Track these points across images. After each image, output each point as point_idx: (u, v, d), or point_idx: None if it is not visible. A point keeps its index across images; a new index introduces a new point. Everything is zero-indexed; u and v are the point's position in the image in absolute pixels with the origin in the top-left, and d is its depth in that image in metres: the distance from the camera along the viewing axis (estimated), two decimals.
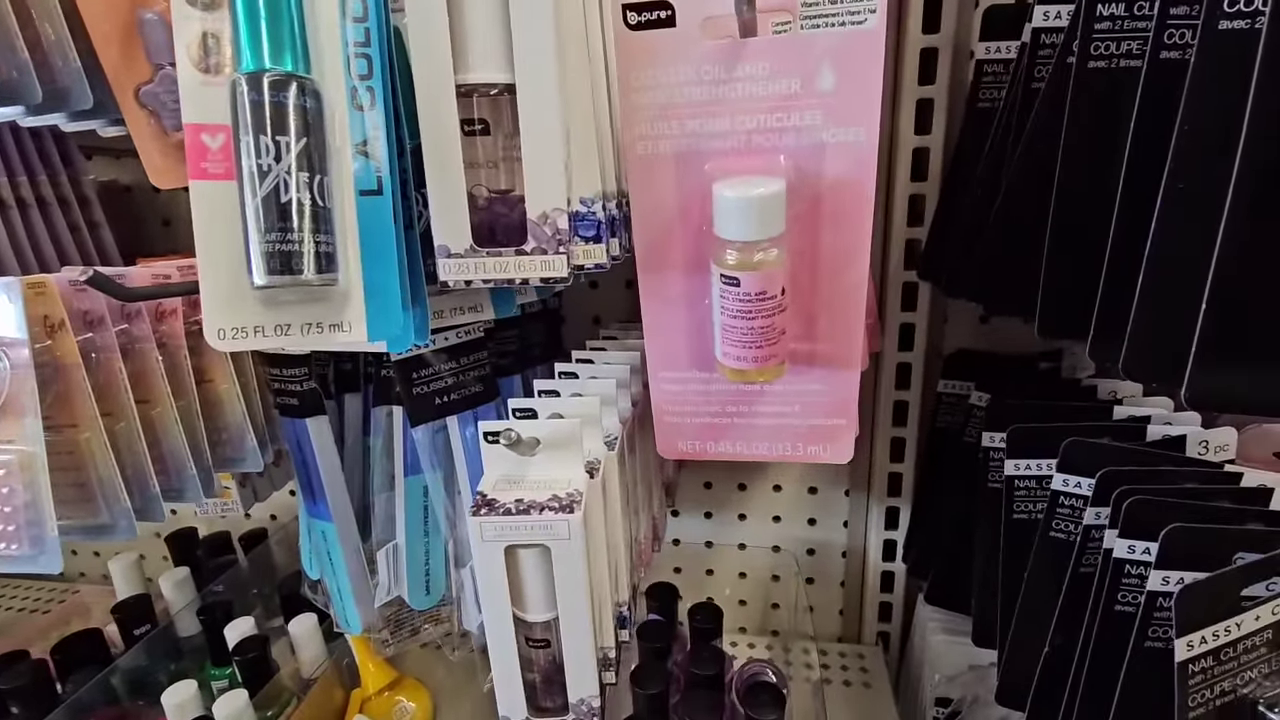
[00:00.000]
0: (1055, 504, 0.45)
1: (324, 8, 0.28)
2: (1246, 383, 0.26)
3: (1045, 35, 0.43)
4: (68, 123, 0.46)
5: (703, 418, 0.40)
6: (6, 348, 0.40)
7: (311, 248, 0.26)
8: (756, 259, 0.31)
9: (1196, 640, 0.31)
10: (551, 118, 0.29)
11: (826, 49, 0.29)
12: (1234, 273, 0.26)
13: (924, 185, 0.61)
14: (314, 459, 0.52)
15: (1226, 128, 0.27)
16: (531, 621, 0.38)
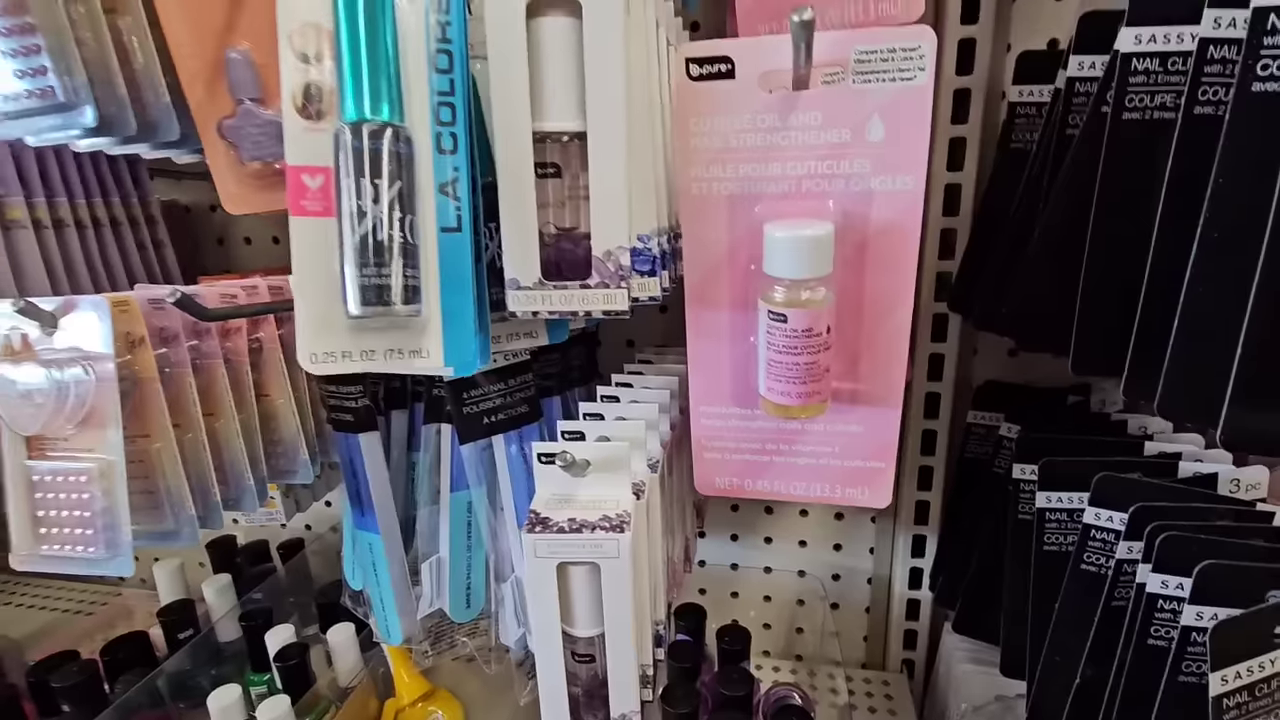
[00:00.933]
0: (1087, 537, 0.46)
1: (414, 61, 0.30)
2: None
3: (1079, 84, 0.44)
4: (149, 151, 0.49)
5: (743, 454, 0.41)
6: (93, 362, 0.43)
7: (401, 282, 0.29)
8: (804, 297, 0.33)
9: (1231, 675, 0.32)
10: (618, 164, 0.31)
11: (877, 103, 0.31)
12: (1269, 317, 0.28)
13: (955, 220, 0.63)
14: (364, 473, 0.54)
15: (1260, 181, 0.29)
16: (578, 636, 0.40)
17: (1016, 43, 0.60)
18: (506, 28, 0.30)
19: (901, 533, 0.74)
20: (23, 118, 0.41)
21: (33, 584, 1.04)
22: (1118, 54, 0.38)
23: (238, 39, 0.44)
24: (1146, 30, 0.37)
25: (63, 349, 0.43)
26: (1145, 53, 0.37)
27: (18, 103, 0.40)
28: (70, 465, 0.44)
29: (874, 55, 0.30)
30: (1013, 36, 0.61)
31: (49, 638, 0.78)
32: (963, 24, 0.58)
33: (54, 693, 0.63)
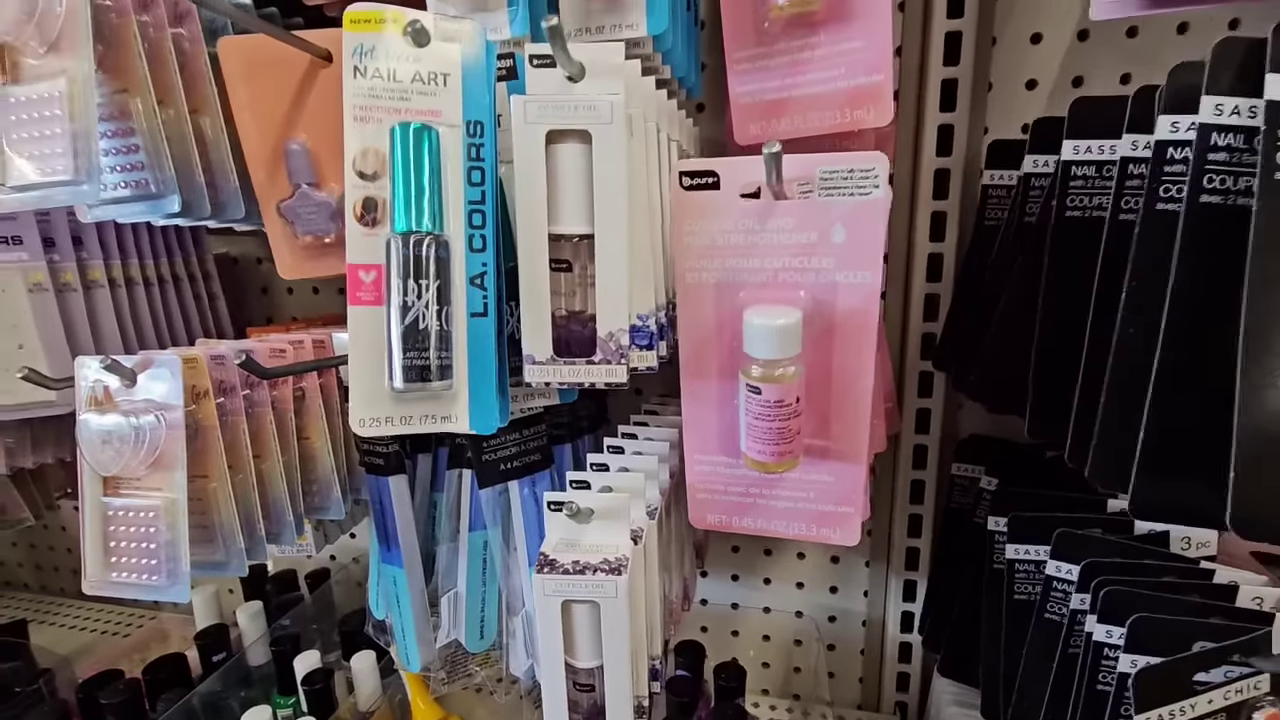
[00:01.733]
0: (1049, 588, 0.50)
1: (452, 176, 0.37)
2: (1179, 496, 0.32)
3: (1034, 178, 0.50)
4: (217, 224, 0.56)
5: (730, 496, 0.47)
6: (164, 411, 0.49)
7: (438, 363, 0.35)
8: (777, 374, 0.38)
9: (1154, 717, 0.36)
10: (621, 262, 0.37)
11: (840, 213, 0.37)
12: (1165, 401, 0.33)
13: (938, 285, 0.68)
14: (392, 512, 0.60)
15: (1162, 285, 0.34)
16: (579, 667, 0.44)
17: (993, 126, 0.66)
18: (530, 152, 0.36)
19: (894, 578, 0.78)
20: (120, 204, 0.48)
21: (74, 606, 1.10)
22: (1060, 160, 0.44)
23: (297, 132, 0.51)
24: (1083, 143, 0.43)
25: (139, 400, 0.49)
26: (1083, 160, 0.43)
27: (116, 192, 0.48)
28: (140, 502, 0.50)
29: (836, 174, 0.36)
30: (989, 120, 0.66)
31: (90, 656, 0.84)
32: (941, 111, 0.64)
33: (102, 709, 0.68)
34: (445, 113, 0.37)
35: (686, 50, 0.56)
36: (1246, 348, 0.28)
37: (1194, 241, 0.31)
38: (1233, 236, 0.30)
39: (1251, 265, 0.29)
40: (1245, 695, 0.37)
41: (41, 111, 0.43)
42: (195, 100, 0.50)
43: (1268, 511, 0.28)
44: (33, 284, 0.59)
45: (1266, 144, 0.29)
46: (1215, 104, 0.31)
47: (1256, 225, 0.29)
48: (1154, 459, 0.33)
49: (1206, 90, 0.31)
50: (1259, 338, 0.28)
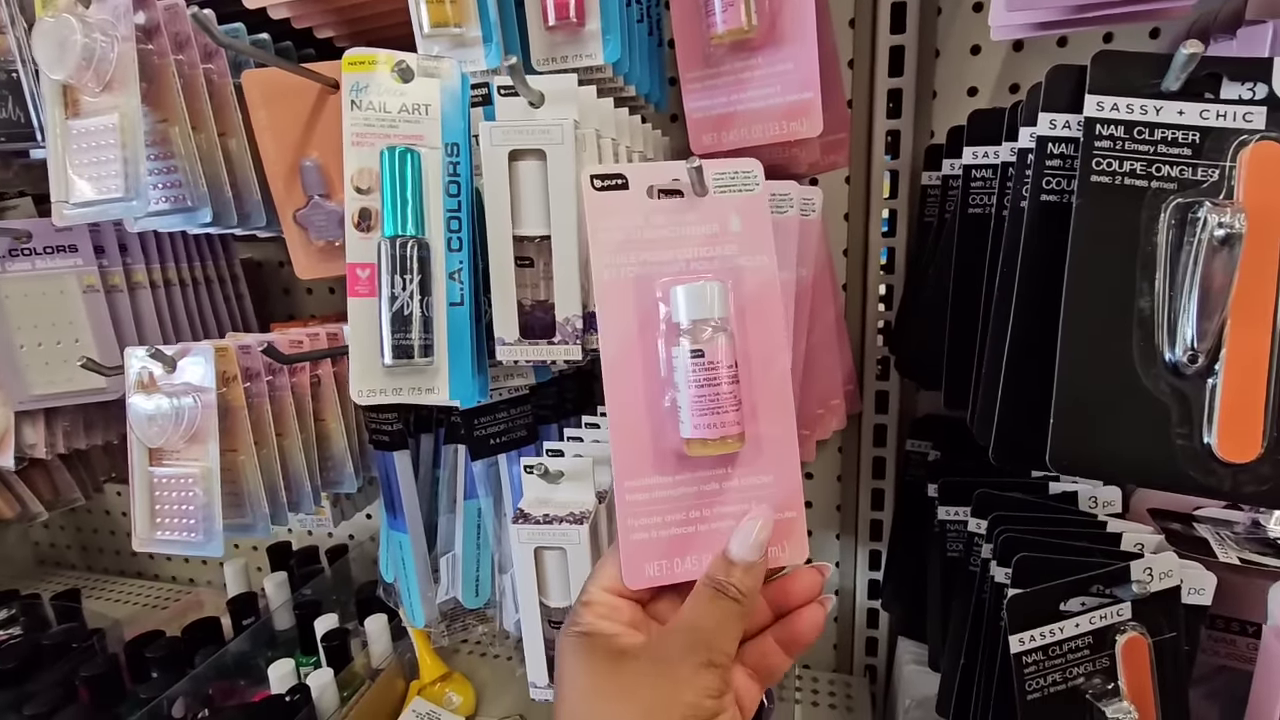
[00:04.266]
0: (970, 543, 0.56)
1: (433, 189, 0.44)
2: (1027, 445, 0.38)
3: (951, 180, 0.56)
4: (242, 231, 0.65)
5: (669, 529, 0.40)
6: (199, 393, 0.58)
7: (420, 343, 0.42)
8: (711, 334, 0.45)
9: (1027, 638, 0.42)
10: (573, 257, 0.45)
11: (732, 205, 0.43)
12: (1015, 367, 0.39)
13: (893, 277, 0.75)
14: (397, 484, 0.68)
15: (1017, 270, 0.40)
16: (552, 607, 0.52)
17: (939, 130, 0.72)
18: (496, 169, 0.44)
19: (860, 548, 0.84)
20: (161, 216, 0.57)
21: (119, 582, 1.21)
22: (962, 164, 0.50)
23: (310, 151, 0.59)
24: (980, 148, 0.49)
25: (178, 384, 0.58)
26: (981, 164, 0.49)
27: (157, 206, 0.56)
28: (180, 471, 0.58)
29: (724, 175, 0.42)
30: (935, 125, 0.73)
31: (137, 624, 0.93)
32: (888, 118, 0.70)
33: (146, 662, 0.77)
34: (427, 137, 0.45)
35: (648, 70, 0.63)
36: (1065, 315, 0.35)
37: (1035, 233, 0.38)
38: (1065, 228, 0.36)
39: (1071, 249, 0.35)
40: (1109, 621, 0.43)
41: (98, 141, 0.51)
42: (223, 125, 0.59)
43: (1074, 451, 0.34)
44: (86, 286, 0.68)
45: (1084, 151, 0.35)
46: (1049, 119, 0.37)
47: (1075, 218, 0.35)
48: (1009, 416, 0.39)
49: (1042, 108, 0.37)
50: (1073, 307, 0.35)
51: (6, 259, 0.66)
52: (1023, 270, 0.38)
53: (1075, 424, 0.34)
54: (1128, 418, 0.34)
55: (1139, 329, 0.34)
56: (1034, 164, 0.38)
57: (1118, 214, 0.35)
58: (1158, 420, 0.34)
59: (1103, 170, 0.35)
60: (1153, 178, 0.34)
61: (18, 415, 0.70)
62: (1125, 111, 0.35)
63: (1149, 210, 0.34)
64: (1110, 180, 0.35)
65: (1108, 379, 0.34)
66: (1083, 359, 0.34)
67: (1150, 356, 0.34)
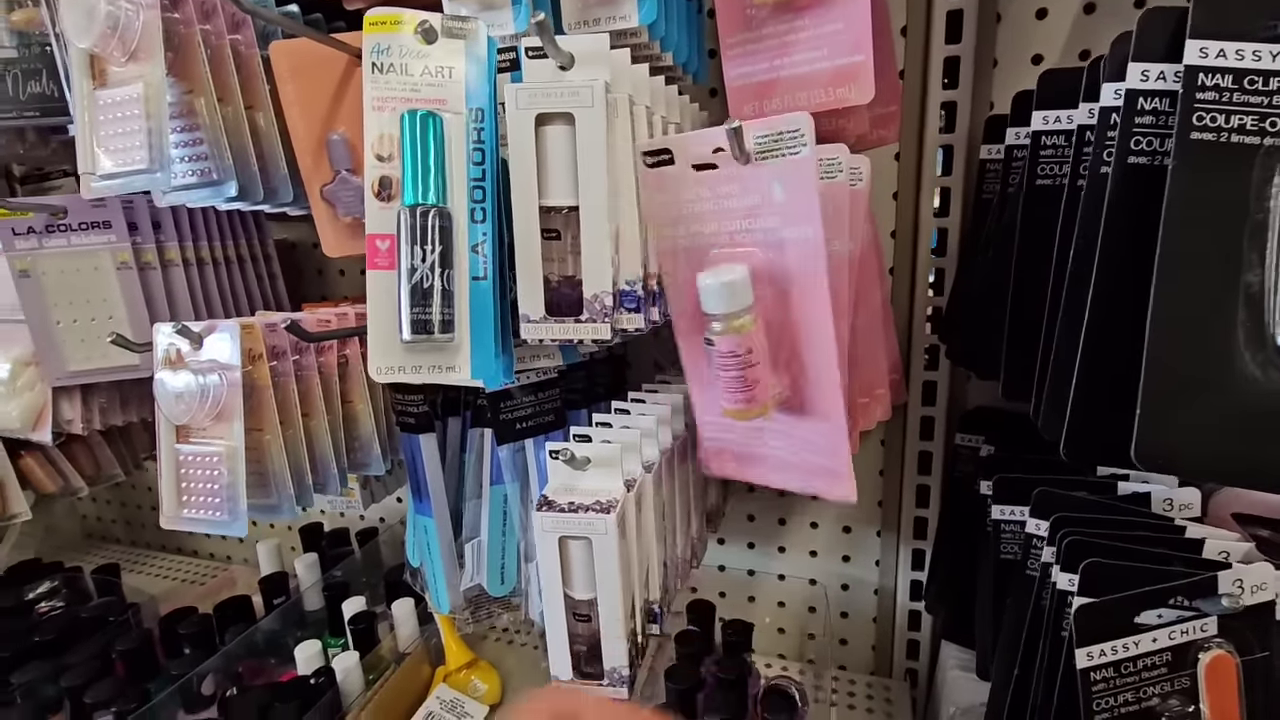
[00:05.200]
0: (1028, 545, 0.52)
1: (456, 157, 0.42)
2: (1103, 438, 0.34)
3: (1016, 150, 0.52)
4: (270, 208, 0.63)
5: (734, 447, 0.51)
6: (225, 370, 0.57)
7: (440, 317, 0.40)
8: (728, 326, 0.42)
9: (1096, 652, 0.38)
10: (602, 229, 0.42)
11: (775, 173, 0.40)
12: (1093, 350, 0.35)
13: (943, 260, 0.70)
14: (423, 466, 0.66)
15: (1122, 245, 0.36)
16: (576, 599, 0.49)
17: (999, 102, 0.67)
18: (522, 134, 0.41)
19: (903, 547, 0.80)
20: (187, 190, 0.56)
21: (159, 557, 1.23)
22: (1031, 131, 0.46)
23: (337, 125, 0.57)
24: (1050, 113, 0.45)
25: (205, 360, 0.57)
26: (1051, 130, 0.45)
27: (184, 180, 0.55)
28: (206, 449, 0.57)
29: (768, 138, 0.39)
30: (995, 96, 0.67)
31: (172, 599, 0.94)
32: (944, 89, 0.66)
33: (179, 638, 0.78)
34: (450, 101, 0.42)
35: (687, 37, 0.60)
36: (1157, 291, 0.31)
37: (1121, 201, 0.33)
38: (1156, 195, 0.32)
39: (1166, 216, 0.31)
40: (1192, 636, 0.39)
41: (123, 111, 0.50)
42: (250, 98, 0.57)
43: (1165, 446, 0.30)
44: (120, 263, 0.68)
45: (1184, 105, 0.31)
46: (1141, 70, 0.33)
47: (1171, 181, 0.31)
48: (1084, 407, 0.35)
49: (1133, 58, 0.33)
50: (1167, 282, 0.30)
51: (44, 235, 0.66)
52: (1104, 242, 0.34)
53: (1166, 415, 0.30)
54: (1230, 409, 0.30)
55: (1246, 308, 0.30)
56: (1120, 123, 0.33)
57: (1223, 176, 0.30)
58: (1266, 413, 0.29)
59: (1205, 126, 0.30)
60: (1266, 134, 0.30)
61: (55, 391, 0.71)
62: (1235, 58, 0.30)
63: (1261, 171, 0.30)
64: (1215, 138, 0.30)
65: (1207, 364, 0.30)
66: (1177, 341, 0.30)
67: (1258, 339, 0.30)
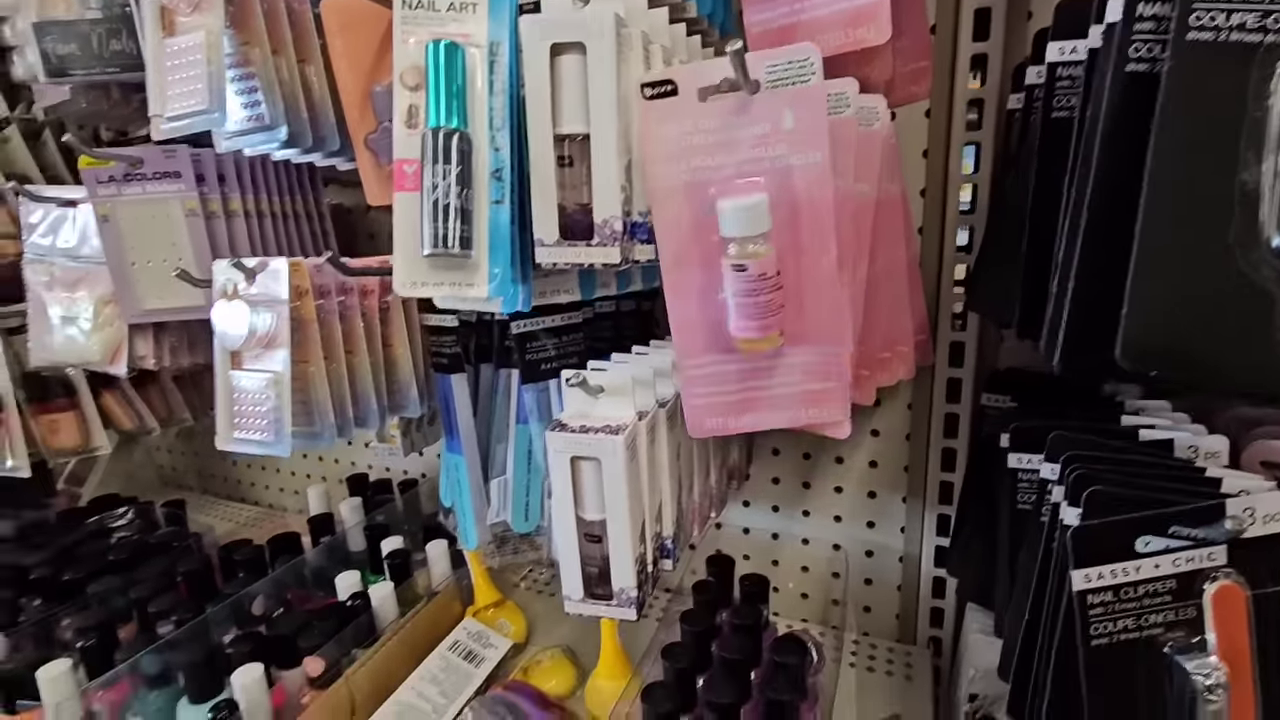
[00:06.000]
0: (1042, 493, 0.51)
1: (479, 87, 0.45)
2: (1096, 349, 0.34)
3: (1035, 90, 0.51)
4: (321, 159, 0.68)
5: (723, 396, 0.50)
6: (275, 303, 0.61)
7: (458, 234, 0.43)
8: (754, 249, 0.43)
9: (1094, 575, 0.38)
10: (611, 157, 0.44)
11: (786, 100, 0.41)
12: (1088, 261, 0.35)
13: (973, 218, 0.69)
14: (454, 405, 0.70)
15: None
16: (587, 519, 0.52)
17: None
18: (536, 62, 0.43)
19: (929, 512, 0.79)
20: (242, 135, 0.61)
21: (225, 505, 1.32)
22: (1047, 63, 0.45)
23: (381, 77, 0.61)
24: (1067, 43, 0.44)
25: (258, 294, 0.62)
26: (1067, 61, 0.44)
27: (241, 125, 0.60)
28: (256, 376, 0.62)
29: (778, 67, 0.40)
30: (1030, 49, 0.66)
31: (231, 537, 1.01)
32: (974, 41, 0.65)
33: (235, 564, 0.84)
34: (474, 35, 0.45)
35: None
36: (1149, 187, 0.30)
37: (1118, 108, 0.33)
38: (1153, 101, 0.32)
39: (1160, 111, 0.31)
40: (1198, 565, 0.38)
41: (187, 58, 0.55)
42: (302, 52, 0.62)
43: (1149, 342, 0.30)
44: (188, 210, 0.74)
45: (1181, 7, 0.31)
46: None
47: (1167, 78, 0.31)
48: (1079, 314, 0.35)
49: None
50: (1160, 177, 0.30)
51: (122, 183, 0.72)
52: (1101, 150, 0.34)
53: (1153, 311, 0.30)
54: (1219, 307, 0.29)
55: (1240, 206, 0.29)
56: (1119, 31, 0.33)
57: (1220, 74, 0.30)
58: (1257, 311, 0.29)
59: (1203, 26, 0.30)
60: (1269, 30, 0.29)
61: (131, 329, 0.78)
62: None
63: (1260, 70, 0.30)
64: (1212, 37, 0.30)
65: (1197, 262, 0.30)
66: (1168, 238, 0.30)
67: (1252, 238, 0.29)
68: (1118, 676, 0.39)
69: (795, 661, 0.63)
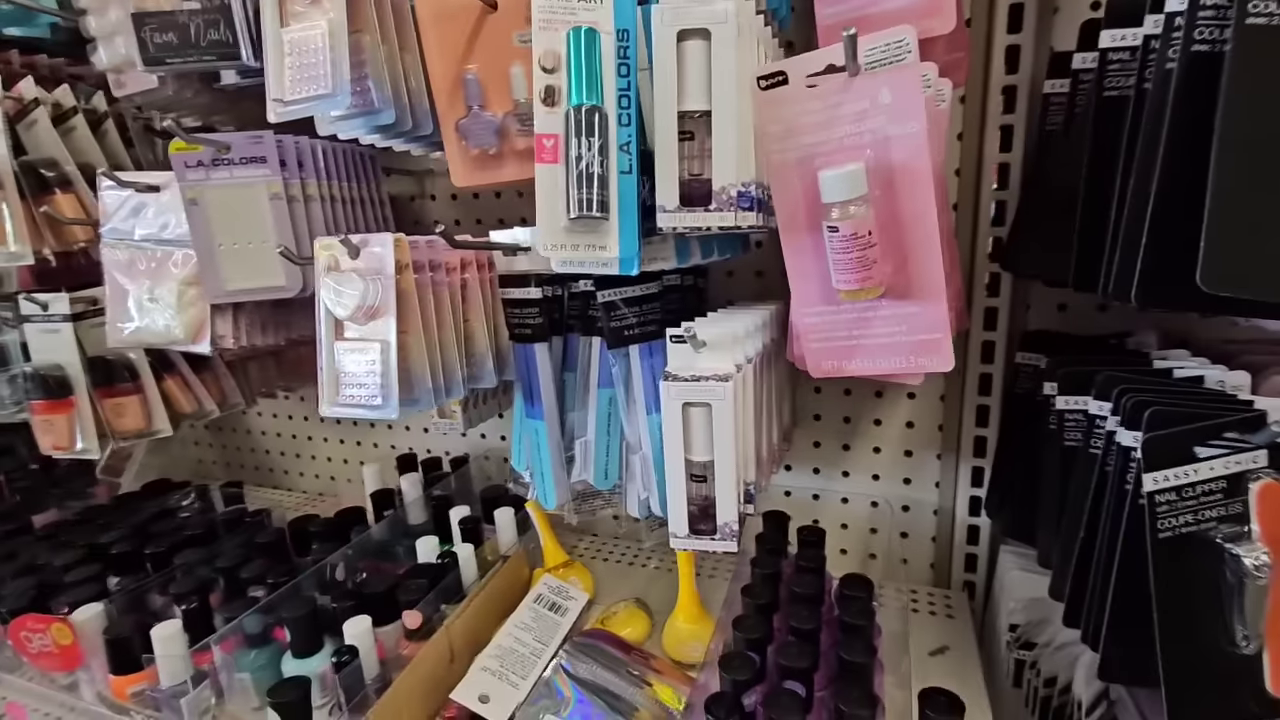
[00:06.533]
0: (1092, 426, 0.58)
1: (609, 71, 0.50)
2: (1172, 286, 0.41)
3: (1082, 74, 0.58)
4: (418, 148, 0.72)
5: (836, 341, 0.56)
6: (381, 275, 0.66)
7: (599, 199, 0.48)
8: (850, 211, 0.49)
9: (1160, 478, 0.45)
10: (730, 131, 0.50)
11: (884, 79, 0.47)
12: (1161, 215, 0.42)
13: (1006, 193, 0.76)
14: (536, 373, 0.75)
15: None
16: (695, 460, 0.57)
17: (1059, 45, 0.73)
18: (665, 45, 0.49)
19: (963, 465, 0.87)
20: (345, 120, 0.65)
21: (258, 491, 1.34)
22: (1100, 49, 0.52)
23: (470, 64, 0.65)
24: (1118, 31, 0.51)
25: (363, 268, 0.66)
26: (1119, 47, 0.51)
27: (349, 110, 0.64)
28: (361, 345, 0.66)
29: (876, 49, 0.47)
30: (1056, 40, 0.74)
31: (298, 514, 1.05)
32: (1009, 33, 0.72)
33: (309, 536, 0.88)
34: (602, 23, 0.50)
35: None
36: (1220, 147, 0.37)
37: (1187, 82, 0.40)
38: (1217, 77, 0.39)
39: (1226, 88, 0.38)
40: (1244, 466, 0.45)
41: (308, 46, 0.59)
42: (401, 40, 0.66)
43: (1228, 268, 0.37)
44: (272, 194, 0.77)
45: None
46: None
47: (1230, 56, 0.38)
48: (1154, 255, 0.42)
49: None
50: (1228, 139, 0.37)
51: (210, 168, 0.76)
52: (1172, 116, 0.41)
53: (1229, 241, 0.37)
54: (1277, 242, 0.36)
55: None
56: (1186, 17, 0.40)
57: (1275, 54, 0.37)
58: None
59: (1260, 13, 0.37)
60: None
61: (213, 309, 0.81)
62: None
63: None
64: (1266, 22, 0.37)
65: (1261, 202, 0.37)
66: (1237, 184, 0.37)
67: None
68: (1180, 564, 0.46)
69: (864, 594, 0.69)
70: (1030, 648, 0.74)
